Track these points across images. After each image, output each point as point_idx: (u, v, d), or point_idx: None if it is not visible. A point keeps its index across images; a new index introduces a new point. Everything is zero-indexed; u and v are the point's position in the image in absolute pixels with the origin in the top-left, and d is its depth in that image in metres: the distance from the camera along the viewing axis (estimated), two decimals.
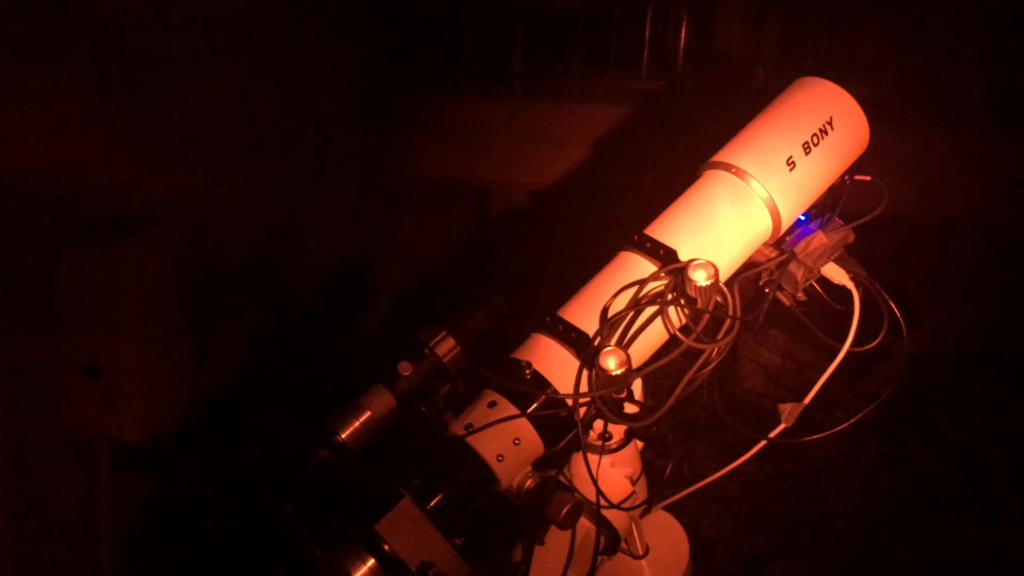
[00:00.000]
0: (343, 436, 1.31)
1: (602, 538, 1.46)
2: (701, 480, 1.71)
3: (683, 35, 4.47)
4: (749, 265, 1.49)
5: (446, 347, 1.37)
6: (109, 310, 2.60)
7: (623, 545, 1.59)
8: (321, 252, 3.98)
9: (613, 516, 1.47)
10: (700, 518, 3.18)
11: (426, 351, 1.36)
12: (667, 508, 1.77)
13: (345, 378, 1.38)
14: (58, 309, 2.61)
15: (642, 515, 1.66)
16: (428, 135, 4.41)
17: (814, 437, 1.60)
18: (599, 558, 1.50)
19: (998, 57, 3.57)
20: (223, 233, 3.27)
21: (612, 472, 1.48)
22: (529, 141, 4.37)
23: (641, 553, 1.65)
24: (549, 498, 1.27)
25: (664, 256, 1.38)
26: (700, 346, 1.30)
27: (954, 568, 2.91)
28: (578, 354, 1.33)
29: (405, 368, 1.34)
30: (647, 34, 4.52)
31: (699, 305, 1.29)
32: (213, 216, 3.19)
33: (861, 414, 1.61)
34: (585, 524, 1.44)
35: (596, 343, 1.31)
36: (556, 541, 1.40)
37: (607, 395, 1.29)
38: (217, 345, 3.20)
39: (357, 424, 1.32)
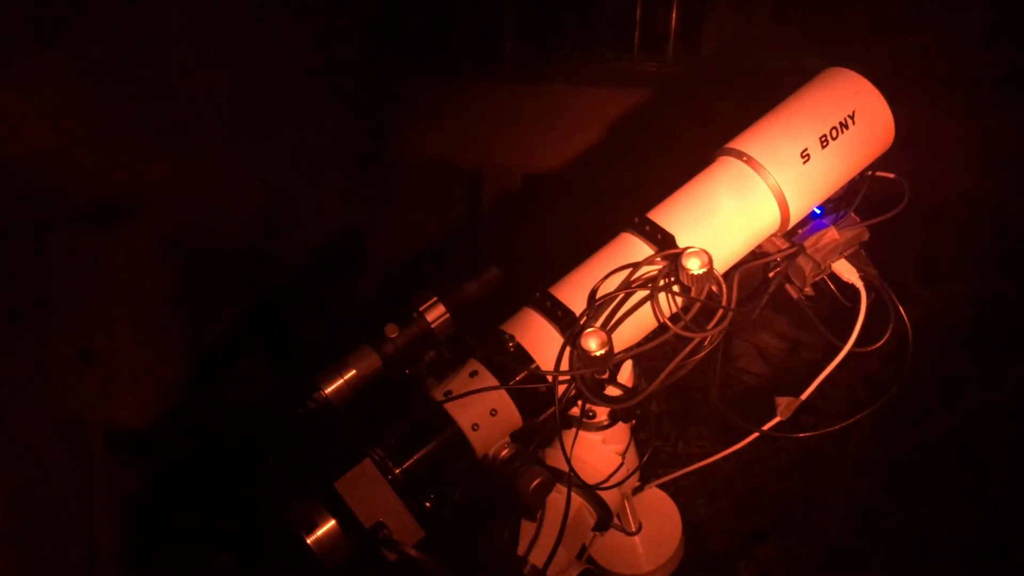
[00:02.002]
0: (327, 391, 1.33)
1: (593, 512, 1.47)
2: (695, 462, 1.72)
3: (674, 16, 4.45)
4: (758, 255, 1.48)
5: (435, 313, 1.38)
6: (101, 295, 2.60)
7: (616, 521, 1.60)
8: (313, 236, 3.97)
9: (606, 493, 1.48)
10: (694, 497, 3.19)
11: (415, 315, 1.37)
12: (661, 488, 1.79)
13: (334, 345, 1.39)
14: (49, 295, 2.60)
15: (635, 492, 1.68)
16: (419, 118, 4.39)
17: (807, 434, 1.61)
18: (593, 534, 1.51)
19: (992, 35, 3.57)
20: (215, 217, 3.26)
21: (603, 449, 1.48)
22: (522, 124, 4.36)
23: (634, 529, 1.67)
24: (520, 471, 1.28)
25: (662, 241, 1.37)
26: (688, 334, 1.30)
27: (946, 542, 2.92)
28: (563, 332, 1.33)
29: (392, 330, 1.36)
30: (638, 14, 4.50)
31: (693, 293, 1.29)
32: (204, 200, 3.18)
33: (855, 418, 1.61)
34: (577, 500, 1.45)
35: (582, 323, 1.31)
36: (545, 516, 1.41)
37: (587, 375, 1.29)
38: (210, 328, 3.20)
39: (341, 381, 1.33)
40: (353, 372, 1.34)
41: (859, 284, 1.49)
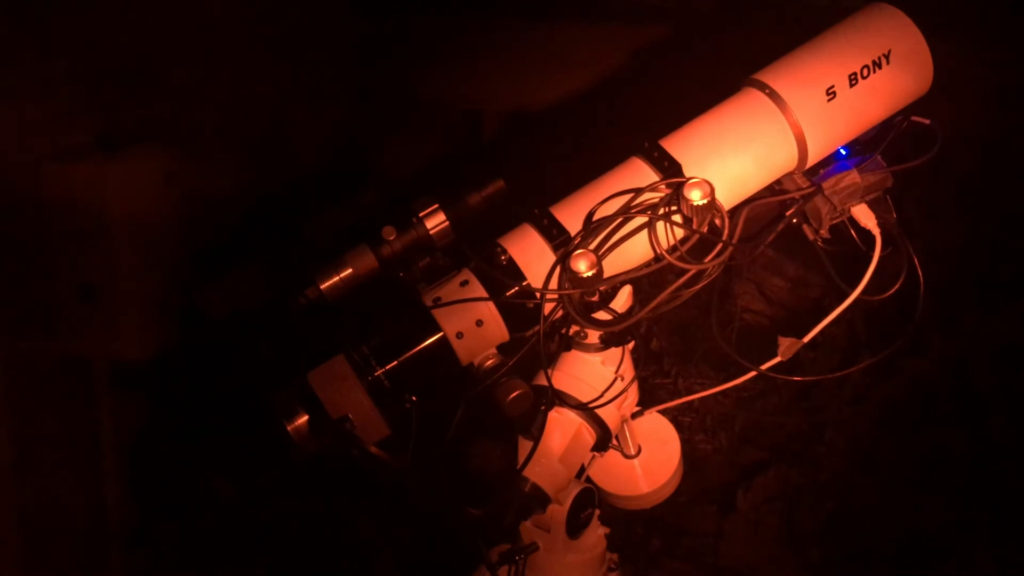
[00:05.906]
0: (322, 287, 1.34)
1: (592, 432, 1.48)
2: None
3: None
4: (776, 191, 1.47)
5: (435, 220, 1.37)
6: (100, 228, 2.59)
7: (615, 443, 1.62)
8: (311, 170, 3.94)
9: (606, 414, 1.50)
10: (695, 433, 3.22)
11: (414, 220, 1.37)
12: None
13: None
14: (48, 230, 2.60)
15: (635, 417, 1.69)
16: (417, 57, 4.33)
17: (807, 379, 1.60)
18: (592, 454, 1.53)
19: None
20: (214, 150, 3.23)
21: (601, 370, 1.49)
22: (522, 61, 4.30)
23: (633, 453, 1.69)
24: (499, 381, 1.30)
25: (668, 168, 1.36)
26: (683, 265, 1.30)
27: (944, 475, 2.96)
28: (556, 251, 1.34)
29: (389, 233, 1.36)
30: None
31: (694, 225, 1.29)
32: (203, 133, 3.15)
33: (855, 368, 1.60)
34: (576, 420, 1.47)
35: (575, 243, 1.31)
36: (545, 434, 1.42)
37: (575, 296, 1.30)
38: (211, 263, 3.19)
39: (337, 278, 1.34)
40: (350, 271, 1.34)
41: (875, 230, 1.47)
